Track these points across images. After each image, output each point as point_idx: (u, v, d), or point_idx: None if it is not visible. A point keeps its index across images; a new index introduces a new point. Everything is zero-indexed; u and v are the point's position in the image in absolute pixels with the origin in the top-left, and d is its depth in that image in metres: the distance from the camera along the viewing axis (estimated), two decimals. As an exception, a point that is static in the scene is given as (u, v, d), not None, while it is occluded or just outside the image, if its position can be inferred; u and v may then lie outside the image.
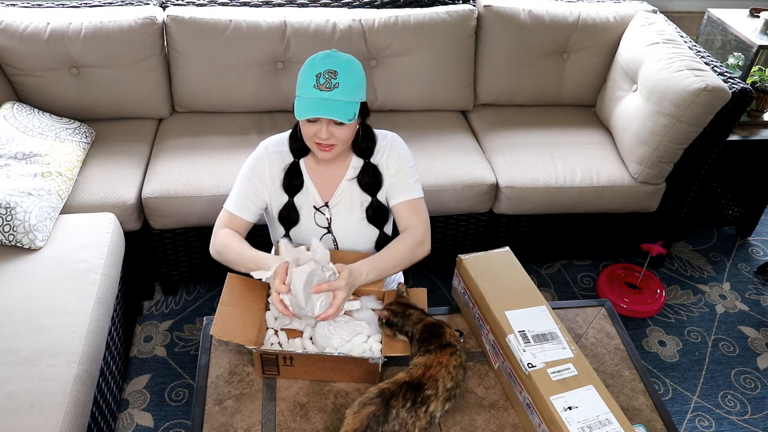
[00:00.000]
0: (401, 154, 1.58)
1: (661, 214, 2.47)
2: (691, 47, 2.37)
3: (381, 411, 1.14)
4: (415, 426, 1.15)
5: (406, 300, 1.40)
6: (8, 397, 1.43)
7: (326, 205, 1.58)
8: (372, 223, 1.59)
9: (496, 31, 2.48)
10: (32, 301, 1.66)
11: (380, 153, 1.57)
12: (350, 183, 1.57)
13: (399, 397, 1.16)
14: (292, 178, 1.55)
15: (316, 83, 1.37)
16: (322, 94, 1.36)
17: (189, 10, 2.31)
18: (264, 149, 1.57)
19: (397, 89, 2.50)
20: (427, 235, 1.56)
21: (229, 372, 1.37)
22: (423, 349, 1.26)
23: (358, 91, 1.41)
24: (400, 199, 1.56)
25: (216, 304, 1.38)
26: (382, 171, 1.57)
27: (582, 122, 2.58)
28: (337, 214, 1.58)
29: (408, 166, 1.58)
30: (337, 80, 1.36)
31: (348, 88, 1.38)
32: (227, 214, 1.56)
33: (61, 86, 2.29)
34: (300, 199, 1.58)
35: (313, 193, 1.57)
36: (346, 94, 1.38)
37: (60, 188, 1.97)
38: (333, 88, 1.36)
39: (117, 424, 1.95)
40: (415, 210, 1.56)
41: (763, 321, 2.49)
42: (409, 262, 1.52)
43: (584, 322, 1.57)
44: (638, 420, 1.34)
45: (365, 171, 1.56)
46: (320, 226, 1.59)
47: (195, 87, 2.39)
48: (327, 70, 1.37)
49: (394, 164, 1.57)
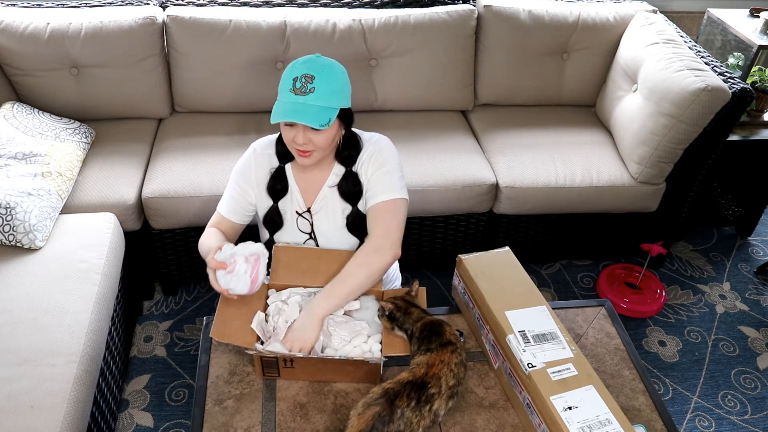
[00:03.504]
0: (381, 156, 1.52)
1: (661, 214, 2.47)
2: (691, 47, 2.37)
3: (386, 411, 1.14)
4: (420, 425, 1.16)
5: (412, 299, 1.40)
6: (8, 397, 1.43)
7: (308, 211, 1.58)
8: (351, 232, 1.57)
9: (496, 31, 2.48)
10: (32, 301, 1.66)
11: (362, 160, 1.53)
12: (331, 190, 1.55)
13: (403, 397, 1.16)
14: (276, 182, 1.55)
15: (292, 87, 1.36)
16: (297, 98, 1.35)
17: (189, 10, 2.31)
18: (252, 151, 1.57)
19: (397, 89, 2.50)
20: (383, 241, 1.47)
21: (229, 372, 1.37)
22: (424, 348, 1.26)
23: (335, 97, 1.38)
24: (374, 201, 1.51)
25: (216, 305, 1.39)
26: (361, 179, 1.53)
27: (582, 122, 2.58)
28: (318, 220, 1.57)
29: (388, 165, 1.52)
30: (313, 85, 1.35)
31: (323, 93, 1.35)
32: (218, 215, 1.59)
33: (61, 86, 2.29)
34: (284, 203, 1.57)
35: (297, 198, 1.57)
36: (321, 99, 1.35)
37: (60, 188, 1.97)
38: (308, 92, 1.34)
39: (117, 424, 1.95)
40: (377, 214, 1.50)
41: (763, 321, 2.49)
42: (371, 277, 1.44)
43: (584, 322, 1.57)
44: (638, 420, 1.34)
45: (345, 179, 1.53)
46: (303, 231, 1.59)
47: (195, 87, 2.39)
48: (304, 74, 1.35)
49: (372, 166, 1.52)
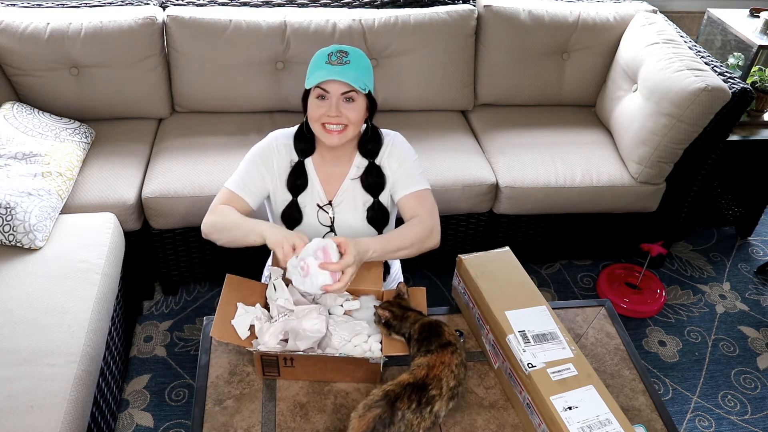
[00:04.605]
0: (403, 150, 1.58)
1: (661, 214, 2.47)
2: (691, 47, 2.37)
3: (387, 413, 1.14)
4: (420, 427, 1.16)
5: (406, 303, 1.40)
6: (8, 397, 1.43)
7: (330, 204, 1.58)
8: (371, 224, 1.59)
9: (496, 31, 2.48)
10: (32, 301, 1.66)
11: (382, 153, 1.57)
12: (353, 182, 1.57)
13: (404, 399, 1.16)
14: (296, 178, 1.55)
15: (328, 60, 1.41)
16: (335, 67, 1.40)
17: (189, 10, 2.31)
18: (274, 139, 1.57)
19: (397, 89, 2.50)
20: (436, 225, 1.53)
21: (229, 372, 1.37)
22: (424, 350, 1.26)
23: (367, 74, 1.44)
24: (405, 192, 1.55)
25: (216, 304, 1.39)
26: (384, 171, 1.57)
27: (582, 122, 2.58)
28: (340, 213, 1.58)
29: (410, 160, 1.58)
30: (348, 58, 1.41)
31: (358, 66, 1.42)
32: (228, 192, 1.52)
33: (61, 86, 2.29)
34: (304, 197, 1.57)
35: (318, 190, 1.57)
36: (357, 71, 1.41)
37: (60, 188, 1.97)
38: (345, 63, 1.40)
39: (117, 424, 1.95)
40: (421, 200, 1.55)
41: (763, 321, 2.49)
42: (417, 250, 1.50)
43: (584, 322, 1.57)
44: (638, 420, 1.34)
45: (369, 172, 1.56)
46: (323, 224, 1.59)
47: (195, 87, 2.39)
48: (339, 50, 1.42)
49: (396, 161, 1.57)
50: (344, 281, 1.32)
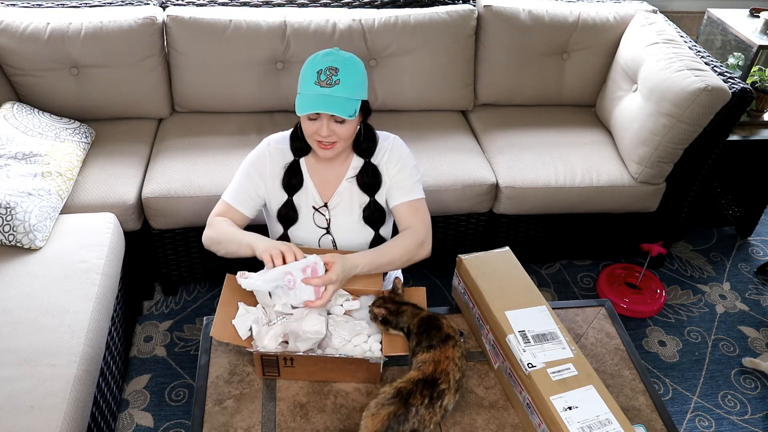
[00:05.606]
0: (402, 156, 1.58)
1: (661, 214, 2.47)
2: (691, 47, 2.37)
3: (401, 410, 1.14)
4: (431, 421, 1.17)
5: (400, 297, 1.40)
6: (8, 397, 1.43)
7: (325, 206, 1.58)
8: (368, 224, 1.59)
9: (496, 31, 2.48)
10: (32, 301, 1.66)
11: (381, 153, 1.57)
12: (350, 183, 1.57)
13: (417, 395, 1.17)
14: (291, 176, 1.56)
15: (317, 80, 1.37)
16: (323, 90, 1.37)
17: (189, 10, 2.31)
18: (266, 146, 1.57)
19: (397, 89, 2.50)
20: (428, 237, 1.55)
21: (229, 372, 1.37)
22: (425, 344, 1.27)
23: (359, 89, 1.41)
24: (401, 200, 1.56)
25: (216, 305, 1.39)
26: (381, 171, 1.57)
27: (582, 122, 2.58)
28: (336, 216, 1.58)
29: (409, 167, 1.58)
30: (338, 77, 1.37)
31: (349, 85, 1.38)
32: (225, 204, 1.57)
33: (61, 86, 2.29)
34: (299, 198, 1.57)
35: (313, 193, 1.57)
36: (346, 91, 1.38)
37: (60, 188, 1.97)
38: (334, 84, 1.37)
39: (117, 424, 1.95)
40: (414, 211, 1.56)
41: (763, 321, 2.49)
42: (407, 262, 1.52)
43: (584, 322, 1.57)
44: (638, 420, 1.34)
45: (365, 171, 1.56)
46: (319, 226, 1.59)
47: (195, 87, 2.39)
48: (328, 67, 1.38)
49: (394, 165, 1.56)
50: (325, 298, 1.35)
